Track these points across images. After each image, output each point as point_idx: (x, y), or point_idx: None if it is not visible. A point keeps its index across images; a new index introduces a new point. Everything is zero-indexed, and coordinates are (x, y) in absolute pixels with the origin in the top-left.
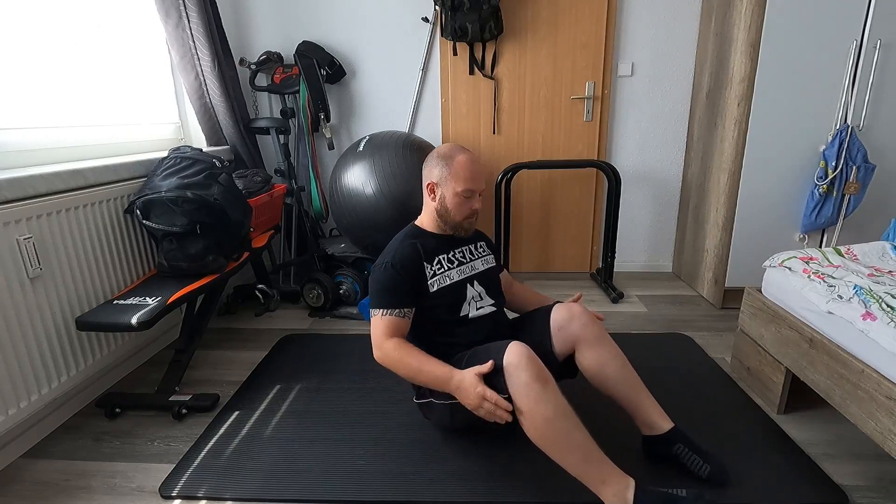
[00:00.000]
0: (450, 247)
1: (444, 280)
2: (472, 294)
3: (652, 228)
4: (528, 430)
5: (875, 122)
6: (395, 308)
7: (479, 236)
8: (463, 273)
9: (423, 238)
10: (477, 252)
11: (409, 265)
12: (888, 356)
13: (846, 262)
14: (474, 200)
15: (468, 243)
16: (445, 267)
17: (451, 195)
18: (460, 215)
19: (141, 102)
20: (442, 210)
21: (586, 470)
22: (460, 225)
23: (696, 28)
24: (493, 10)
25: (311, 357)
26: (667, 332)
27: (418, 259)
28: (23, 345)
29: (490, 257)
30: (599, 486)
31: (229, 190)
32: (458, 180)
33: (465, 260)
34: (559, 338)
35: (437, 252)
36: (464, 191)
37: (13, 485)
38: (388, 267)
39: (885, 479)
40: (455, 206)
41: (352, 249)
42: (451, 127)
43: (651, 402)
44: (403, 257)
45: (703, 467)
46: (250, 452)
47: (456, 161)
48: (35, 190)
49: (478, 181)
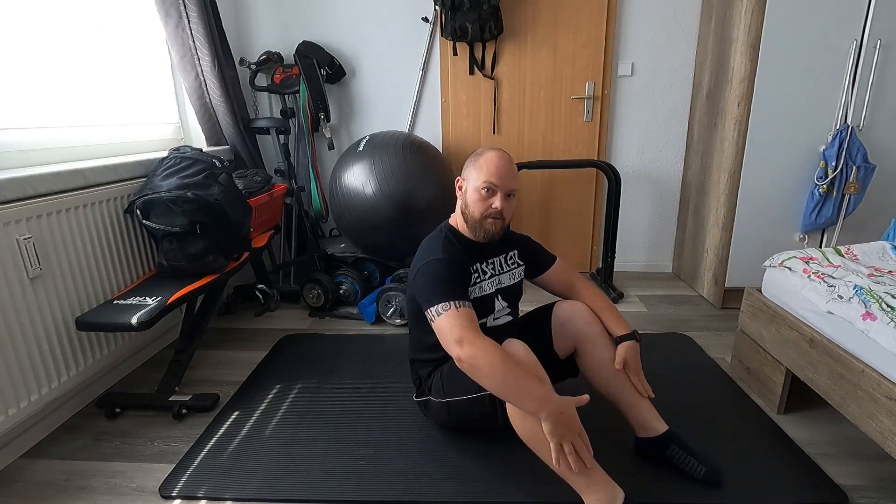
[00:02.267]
0: (483, 255)
1: (480, 290)
2: (499, 307)
3: (652, 228)
4: (518, 429)
5: (875, 122)
6: (462, 299)
7: (512, 243)
8: (493, 286)
9: (459, 239)
10: (507, 264)
11: (460, 263)
12: (888, 356)
13: (846, 262)
14: (495, 198)
15: (499, 254)
16: (481, 276)
17: (472, 189)
18: (479, 211)
19: (141, 102)
20: (464, 206)
21: (571, 472)
22: (480, 224)
23: (696, 28)
24: (493, 10)
25: (311, 357)
26: (667, 332)
27: (464, 259)
28: (23, 345)
29: (518, 270)
30: (584, 489)
31: (229, 190)
32: (480, 173)
33: (497, 272)
34: (560, 335)
35: (474, 258)
36: (484, 183)
37: (13, 485)
38: (442, 261)
39: (885, 479)
40: (474, 202)
41: (352, 249)
42: (451, 127)
43: (647, 403)
44: (452, 254)
45: (699, 469)
46: (250, 452)
47: (484, 156)
48: (35, 190)
49: (502, 177)
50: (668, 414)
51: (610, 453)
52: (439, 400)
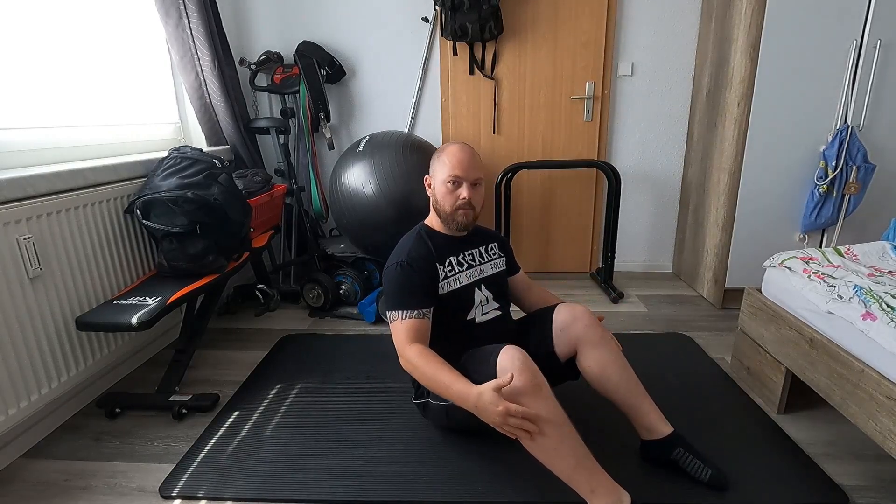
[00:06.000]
0: (461, 248)
1: (454, 283)
2: (480, 298)
3: (652, 228)
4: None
5: (875, 122)
6: (413, 309)
7: (493, 236)
8: (472, 276)
9: (433, 237)
10: (487, 255)
11: (423, 263)
12: (888, 356)
13: (846, 262)
14: (462, 189)
15: (478, 245)
16: (455, 269)
17: (440, 184)
18: (449, 205)
19: (141, 102)
20: (434, 202)
21: (576, 478)
22: (452, 217)
23: (696, 28)
24: (493, 9)
25: (311, 357)
26: (667, 332)
27: (431, 258)
28: (23, 345)
29: (500, 260)
30: (589, 494)
31: (229, 190)
32: (444, 167)
33: (475, 263)
34: (561, 339)
35: (447, 253)
36: (449, 177)
37: (13, 485)
38: (403, 265)
39: (885, 479)
40: (443, 195)
41: (352, 249)
42: (451, 127)
43: (651, 406)
44: (416, 255)
45: (705, 471)
46: (250, 452)
47: (446, 151)
48: (35, 190)
49: (465, 169)
50: (668, 414)
51: (615, 457)
52: (438, 403)
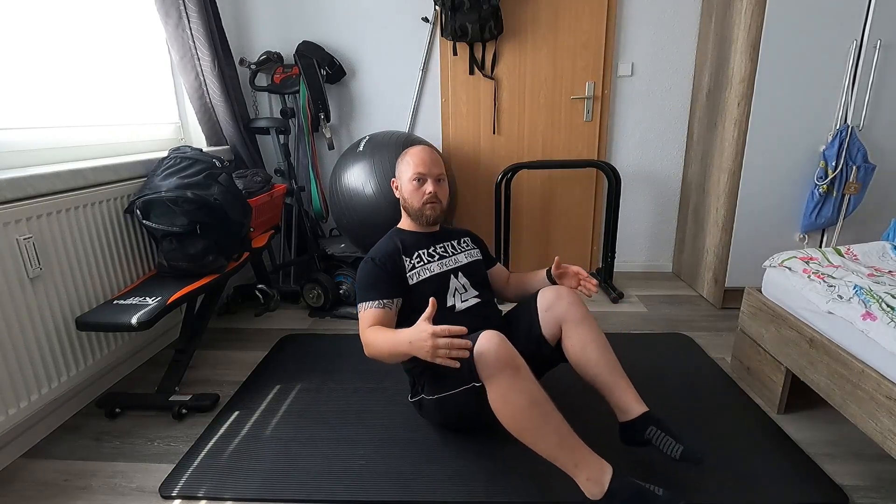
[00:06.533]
0: (431, 243)
1: (424, 273)
2: (456, 285)
3: (652, 228)
4: (501, 417)
5: (875, 122)
6: (374, 300)
7: (464, 232)
8: (445, 266)
9: (402, 235)
10: (460, 246)
11: (387, 258)
12: (888, 356)
13: (846, 262)
14: (427, 185)
15: (450, 239)
16: (425, 260)
17: (406, 182)
18: (417, 201)
19: (141, 102)
20: (403, 201)
21: (559, 455)
22: (422, 212)
23: (696, 28)
24: (493, 10)
25: (311, 357)
26: (667, 332)
27: (396, 252)
28: (23, 345)
29: (475, 251)
30: (573, 469)
31: (229, 190)
32: (408, 167)
33: (448, 254)
34: (546, 319)
35: (416, 247)
36: (414, 175)
37: (13, 485)
38: (368, 262)
39: (885, 479)
40: (410, 193)
41: (352, 249)
42: (451, 127)
43: (628, 386)
44: (383, 252)
45: (676, 447)
46: (250, 452)
47: (408, 153)
48: (35, 190)
49: (428, 166)
50: (668, 414)
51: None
52: (431, 397)
